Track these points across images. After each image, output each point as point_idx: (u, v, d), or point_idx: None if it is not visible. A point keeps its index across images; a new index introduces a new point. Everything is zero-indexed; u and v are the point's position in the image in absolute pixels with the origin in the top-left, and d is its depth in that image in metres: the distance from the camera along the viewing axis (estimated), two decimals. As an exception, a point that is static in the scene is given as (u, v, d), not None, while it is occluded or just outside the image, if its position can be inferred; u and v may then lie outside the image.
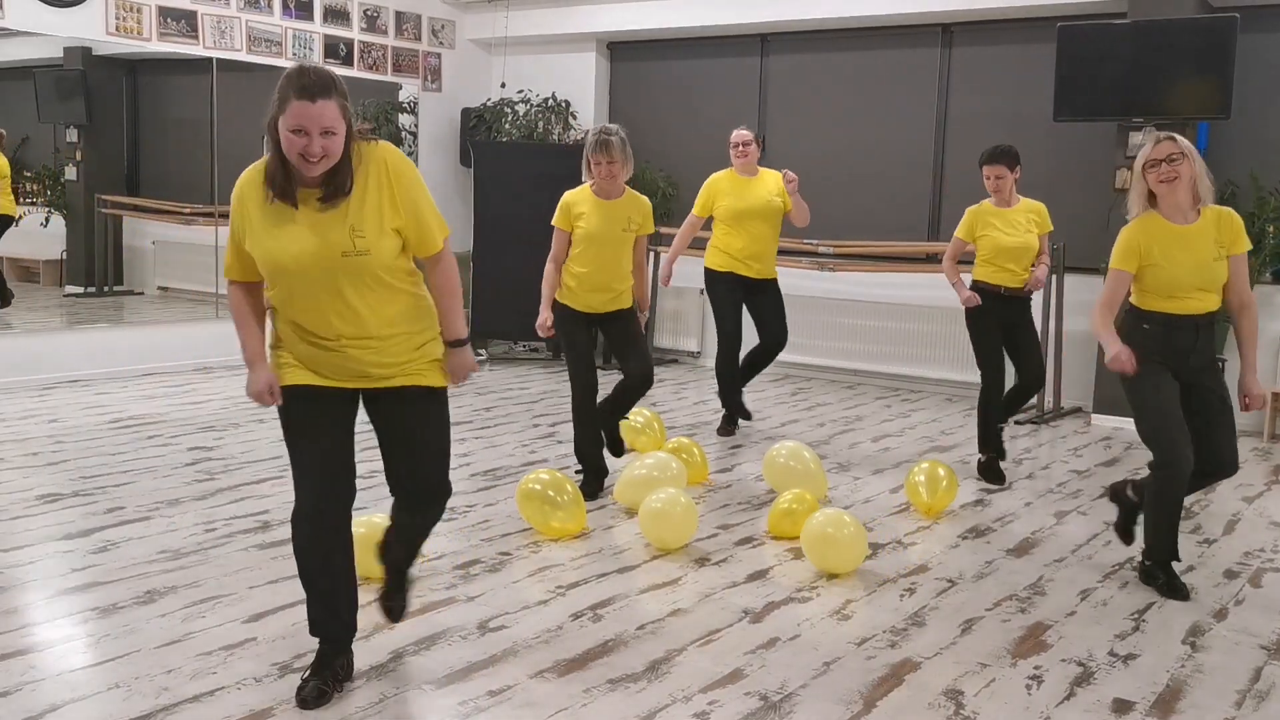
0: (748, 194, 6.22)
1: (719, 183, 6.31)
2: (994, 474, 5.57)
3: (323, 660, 3.02)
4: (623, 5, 9.02)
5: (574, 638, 3.44)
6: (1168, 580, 4.03)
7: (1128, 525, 4.32)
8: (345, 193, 2.77)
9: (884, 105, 8.40)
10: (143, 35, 7.71)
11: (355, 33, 8.99)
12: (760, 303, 6.34)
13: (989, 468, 5.59)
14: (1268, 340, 7.00)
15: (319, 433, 2.92)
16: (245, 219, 2.85)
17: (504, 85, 9.69)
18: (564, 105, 9.46)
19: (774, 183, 6.23)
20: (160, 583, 3.78)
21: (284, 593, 3.73)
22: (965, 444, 6.34)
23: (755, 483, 5.39)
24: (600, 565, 4.13)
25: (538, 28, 9.44)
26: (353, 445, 2.99)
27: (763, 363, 6.49)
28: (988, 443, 5.60)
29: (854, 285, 8.38)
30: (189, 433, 6.05)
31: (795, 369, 8.57)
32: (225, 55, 8.19)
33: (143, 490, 4.91)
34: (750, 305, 6.36)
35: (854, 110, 8.53)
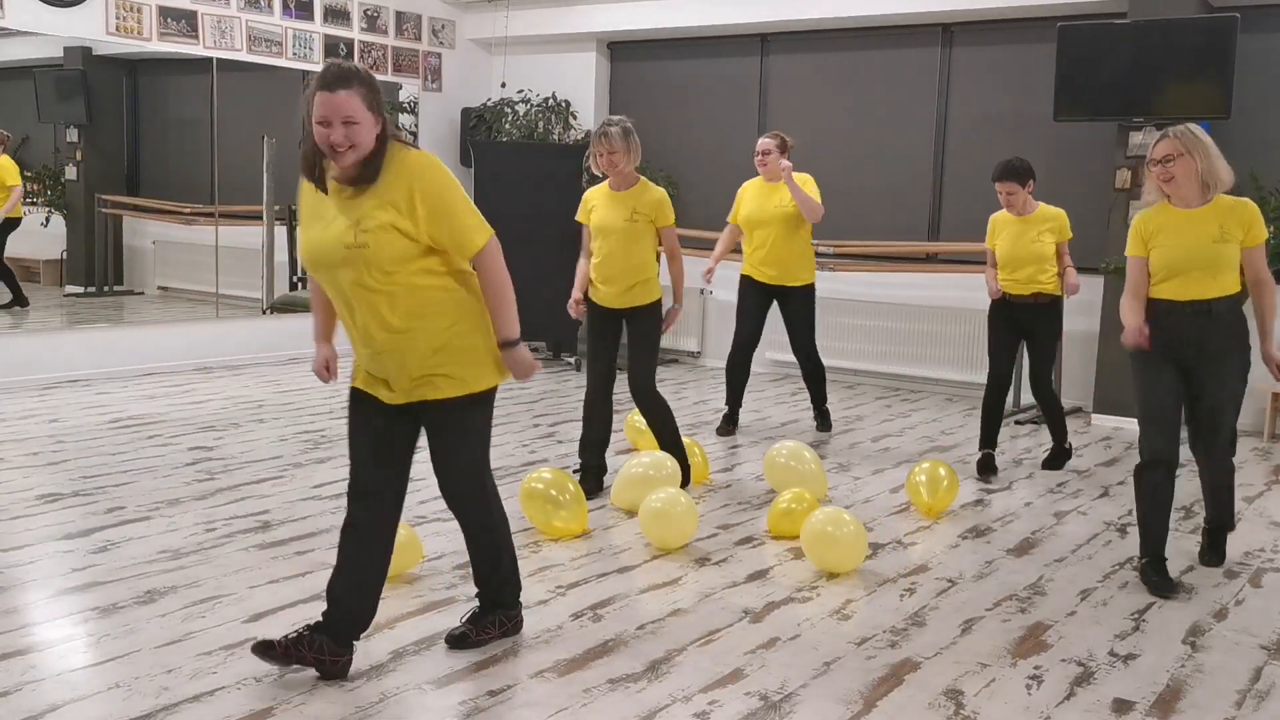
0: (763, 201, 6.37)
1: (745, 190, 6.52)
2: (986, 468, 5.69)
3: (310, 625, 3.11)
4: (623, 5, 9.02)
5: (574, 638, 3.44)
6: (1155, 578, 4.05)
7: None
8: (368, 182, 2.87)
9: (884, 105, 8.40)
10: (143, 35, 7.71)
11: (355, 33, 8.99)
12: (786, 313, 6.51)
13: (982, 463, 5.71)
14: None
15: (361, 438, 3.12)
16: (300, 208, 3.06)
17: (504, 85, 9.69)
18: (564, 105, 9.46)
19: (778, 189, 6.33)
20: (160, 583, 3.79)
21: (284, 593, 3.73)
22: (965, 444, 6.34)
23: (755, 483, 5.39)
24: (600, 565, 4.13)
25: (538, 28, 9.44)
26: (392, 455, 3.11)
27: (810, 385, 6.65)
28: (985, 439, 5.72)
29: (854, 285, 8.38)
30: (189, 433, 6.05)
31: (795, 369, 8.56)
32: (225, 55, 8.20)
33: (143, 490, 4.91)
34: (782, 314, 6.54)
35: (854, 110, 8.53)
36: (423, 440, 3.16)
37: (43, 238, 8.01)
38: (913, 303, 8.17)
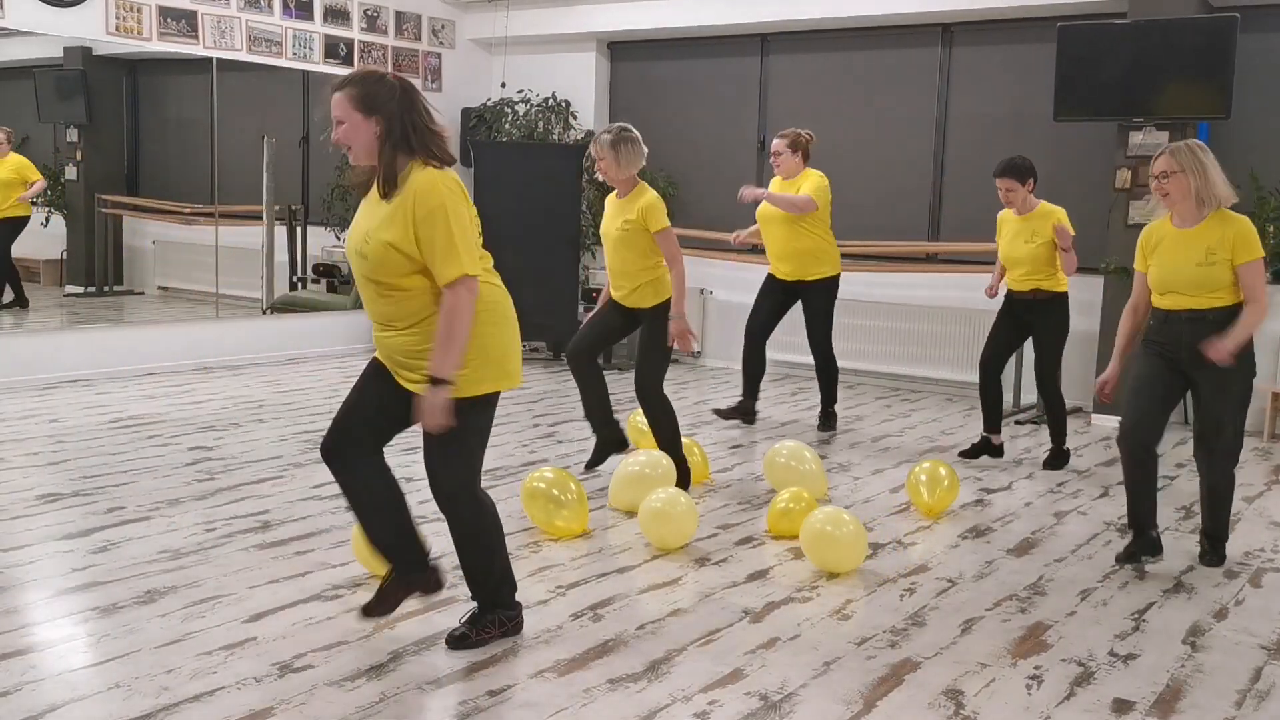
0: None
1: (771, 186, 6.69)
2: (972, 452, 5.99)
3: (386, 576, 3.43)
4: (623, 5, 9.02)
5: (574, 638, 3.44)
6: (1131, 543, 4.28)
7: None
8: (387, 196, 3.01)
9: (884, 105, 8.40)
10: (143, 35, 7.71)
11: (355, 33, 8.99)
12: (805, 308, 6.62)
13: (975, 446, 6.01)
14: (1267, 339, 7.00)
15: (358, 387, 3.28)
16: None
17: (504, 85, 9.69)
18: (564, 105, 9.47)
19: (793, 186, 6.47)
20: (160, 583, 3.79)
21: (284, 593, 3.73)
22: (965, 444, 6.33)
23: (755, 482, 5.39)
24: (600, 565, 4.13)
25: (538, 28, 9.44)
26: (373, 408, 3.24)
27: (820, 381, 6.70)
28: (984, 423, 6.00)
29: (854, 285, 8.35)
30: (189, 433, 6.05)
31: (795, 369, 8.56)
32: (225, 55, 8.19)
33: (143, 490, 4.91)
34: (803, 309, 6.64)
35: (854, 110, 8.53)
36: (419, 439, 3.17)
37: (43, 238, 8.01)
38: (913, 303, 8.17)
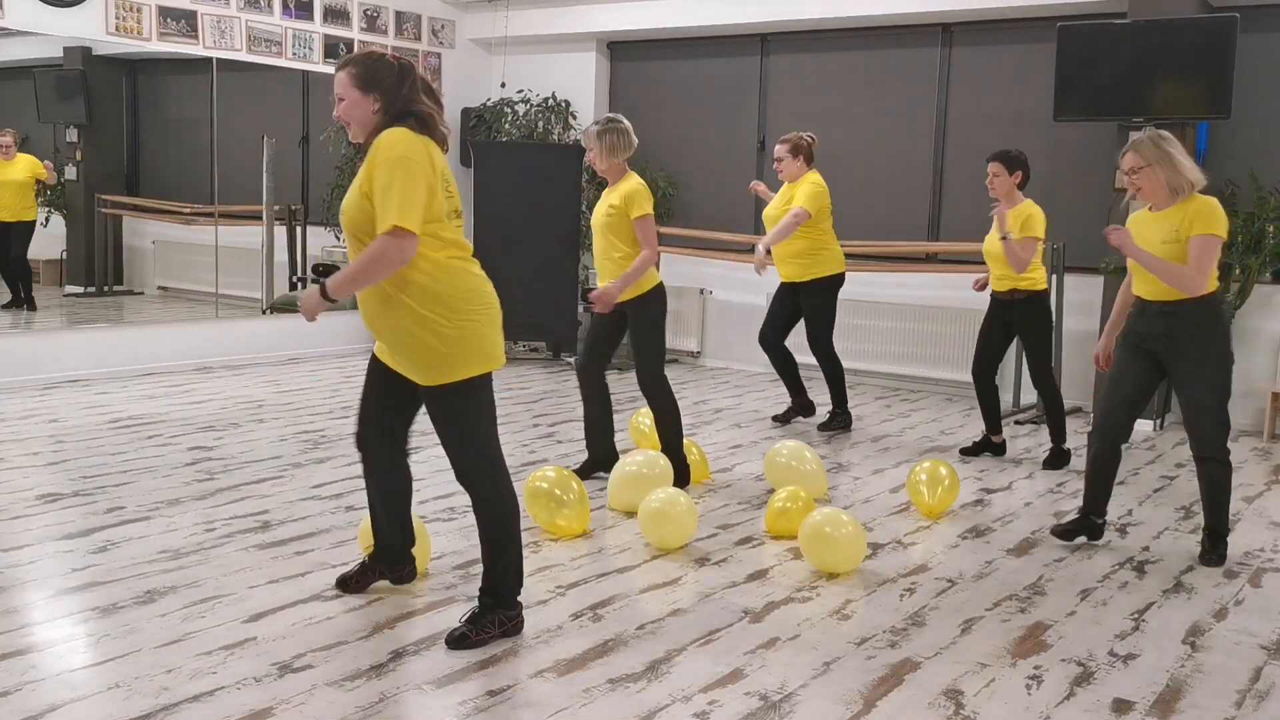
0: (775, 203, 6.68)
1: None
2: (974, 449, 6.09)
3: (366, 559, 3.74)
4: (623, 5, 9.02)
5: (574, 638, 3.44)
6: (1072, 520, 4.54)
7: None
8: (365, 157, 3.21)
9: (884, 105, 8.40)
10: (143, 35, 7.71)
11: (355, 33, 8.99)
12: (803, 309, 6.70)
13: (976, 444, 6.10)
14: (1266, 339, 7.00)
15: (367, 379, 3.52)
16: None
17: (504, 85, 9.69)
18: (564, 105, 9.47)
19: (790, 190, 6.55)
20: (160, 583, 3.79)
21: (284, 593, 3.73)
22: (966, 443, 6.33)
23: (755, 482, 5.39)
24: (600, 565, 4.13)
25: (538, 28, 9.44)
26: (379, 396, 3.48)
27: (828, 384, 6.73)
28: (986, 424, 6.07)
29: (854, 285, 8.33)
30: (189, 433, 6.05)
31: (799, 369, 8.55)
32: (225, 55, 8.19)
33: (143, 490, 4.91)
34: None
35: (854, 110, 8.52)
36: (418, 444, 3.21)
37: (43, 238, 8.01)
38: (913, 303, 8.17)
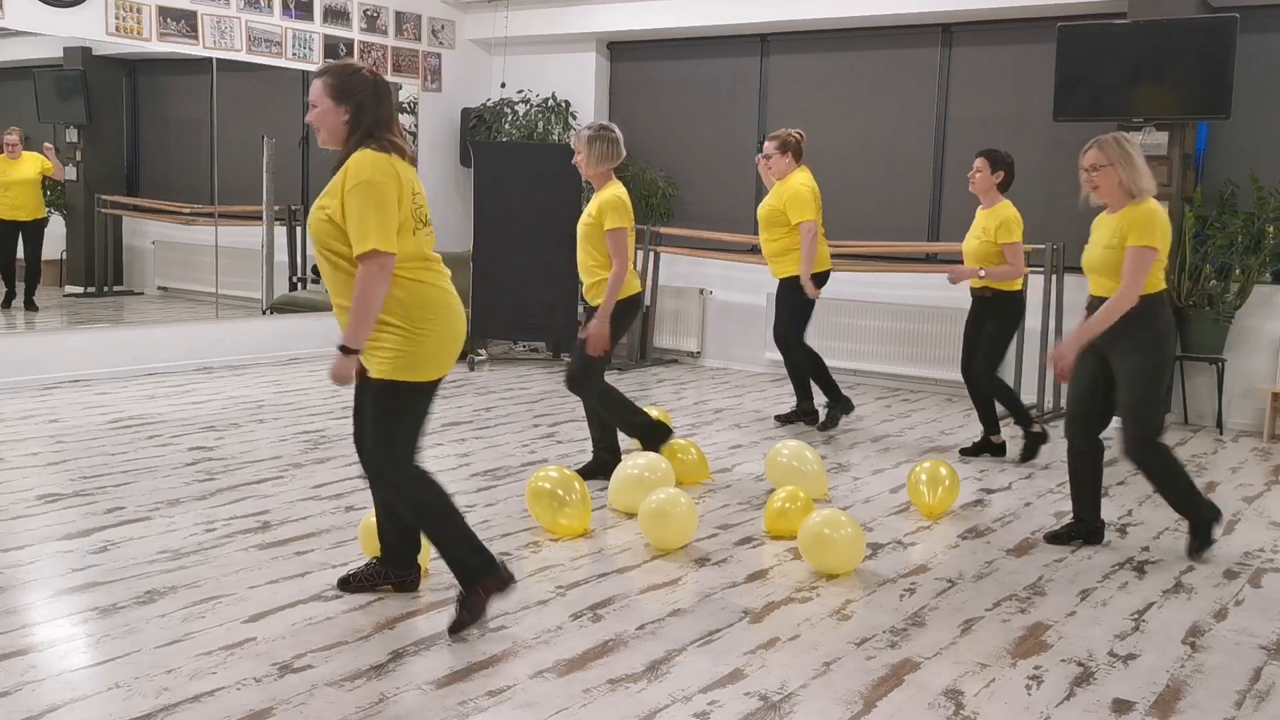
0: (768, 199, 6.64)
1: None
2: (973, 450, 6.12)
3: (373, 561, 3.80)
4: (623, 5, 9.02)
5: (574, 638, 3.44)
6: (1064, 525, 4.63)
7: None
8: (336, 173, 3.31)
9: (884, 105, 8.40)
10: (143, 35, 7.71)
11: (355, 33, 8.99)
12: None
13: (976, 444, 6.14)
14: (1266, 340, 7.00)
15: (356, 386, 3.52)
16: None
17: (504, 85, 9.69)
18: (564, 105, 9.46)
19: (778, 189, 6.49)
20: (160, 583, 3.79)
21: (284, 593, 3.73)
22: (965, 443, 6.33)
23: (755, 482, 5.39)
24: (600, 565, 4.13)
25: (538, 28, 9.44)
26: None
27: (815, 379, 6.74)
28: (983, 425, 6.11)
29: (854, 285, 8.38)
30: (189, 433, 6.05)
31: (795, 369, 8.55)
32: (225, 55, 8.20)
33: (143, 490, 4.91)
34: None
35: (854, 110, 8.53)
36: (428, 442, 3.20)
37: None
38: (913, 303, 8.17)
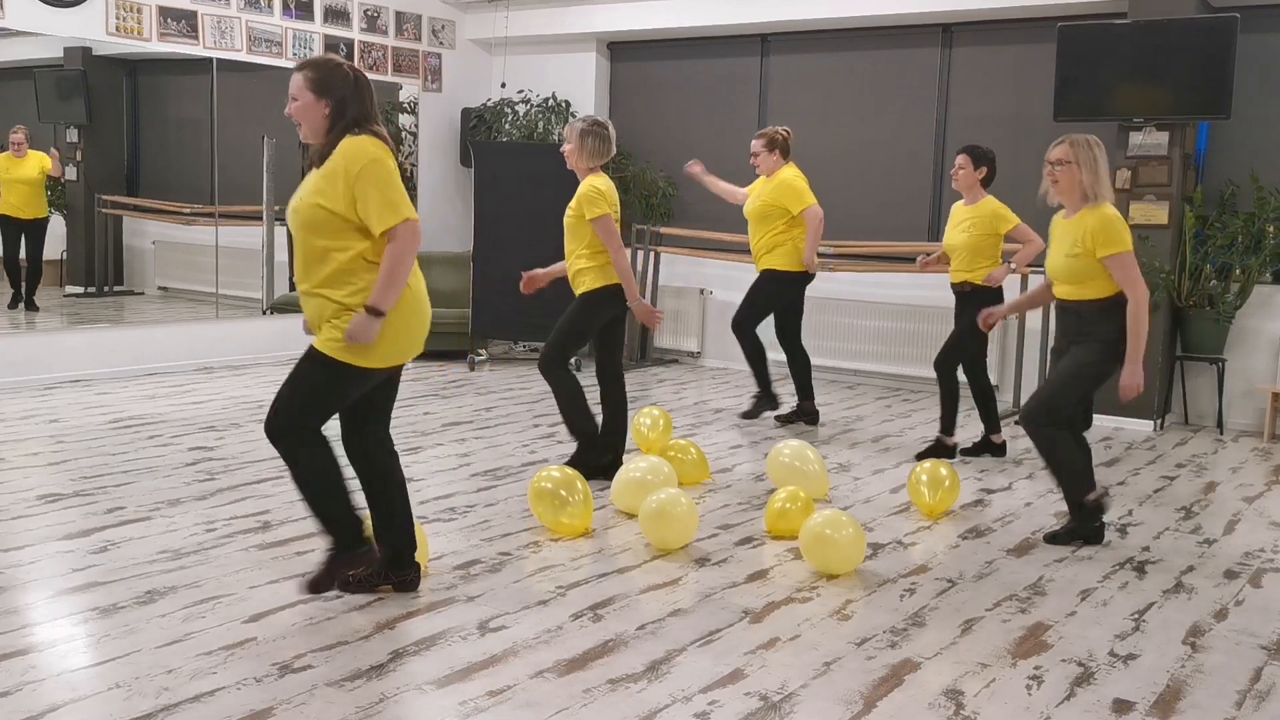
0: (752, 196, 6.69)
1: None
2: (974, 450, 6.12)
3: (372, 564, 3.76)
4: (623, 5, 9.02)
5: (574, 638, 3.44)
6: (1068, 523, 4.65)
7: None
8: (320, 163, 3.41)
9: (884, 105, 8.40)
10: (143, 35, 7.71)
11: (355, 33, 8.99)
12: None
13: (976, 444, 6.14)
14: (1266, 340, 7.00)
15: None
16: None
17: (504, 85, 9.69)
18: (564, 105, 9.46)
19: (764, 185, 6.57)
20: (160, 583, 3.79)
21: (284, 593, 3.73)
22: (965, 443, 6.33)
23: (755, 482, 5.39)
24: (600, 565, 4.13)
25: (538, 28, 9.44)
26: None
27: (795, 370, 6.79)
28: (983, 423, 6.15)
29: (854, 285, 8.38)
30: (189, 433, 6.05)
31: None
32: (225, 55, 8.20)
33: (143, 490, 4.91)
34: None
35: (854, 110, 8.53)
36: (412, 444, 3.19)
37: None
38: (912, 303, 8.17)
